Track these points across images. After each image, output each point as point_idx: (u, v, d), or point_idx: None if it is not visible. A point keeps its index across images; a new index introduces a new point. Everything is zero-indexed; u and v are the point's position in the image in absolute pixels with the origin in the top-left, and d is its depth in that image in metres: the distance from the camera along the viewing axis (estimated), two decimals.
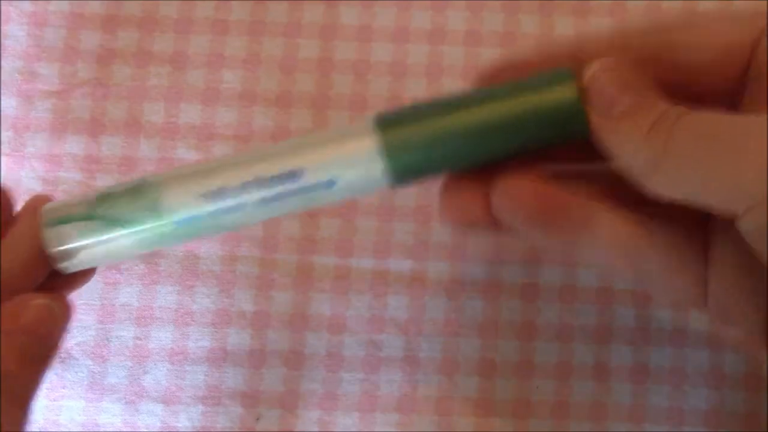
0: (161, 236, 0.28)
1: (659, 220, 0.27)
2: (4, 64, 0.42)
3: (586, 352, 0.40)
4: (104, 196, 0.28)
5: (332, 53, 0.43)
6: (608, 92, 0.25)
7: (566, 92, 0.26)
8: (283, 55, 0.43)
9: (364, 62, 0.42)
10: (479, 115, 0.27)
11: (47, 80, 0.42)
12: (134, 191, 0.28)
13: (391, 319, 0.40)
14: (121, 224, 0.28)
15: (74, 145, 0.41)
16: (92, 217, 0.28)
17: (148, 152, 0.41)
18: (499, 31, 0.43)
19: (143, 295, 0.40)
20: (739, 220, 0.23)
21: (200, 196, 0.27)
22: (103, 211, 0.28)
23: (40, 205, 0.29)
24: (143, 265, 0.41)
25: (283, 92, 0.42)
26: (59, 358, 0.40)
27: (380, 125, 0.27)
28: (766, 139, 0.22)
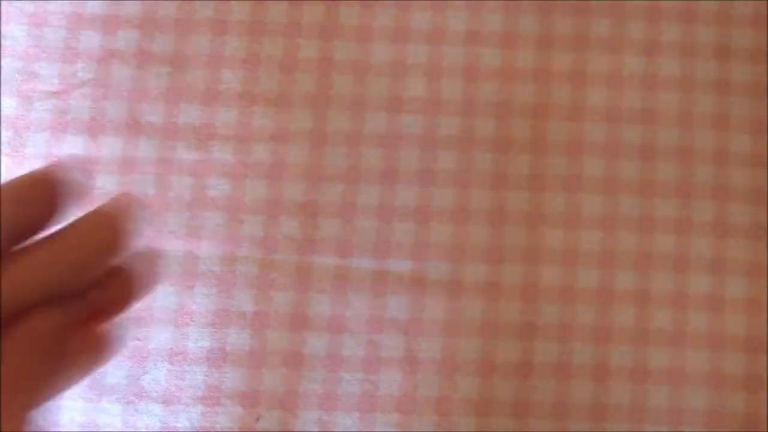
0: None
1: None
2: (4, 64, 0.42)
3: (586, 352, 0.40)
4: None
5: (332, 53, 0.43)
6: None
7: None
8: (283, 55, 0.43)
9: (364, 62, 0.42)
10: None
11: (47, 80, 0.42)
12: None
13: (391, 319, 0.40)
14: None
15: (74, 145, 0.41)
16: None
17: (148, 152, 0.41)
18: (499, 31, 0.43)
19: None
20: None
21: None
22: None
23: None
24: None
25: (283, 92, 0.42)
26: None
27: None
28: None
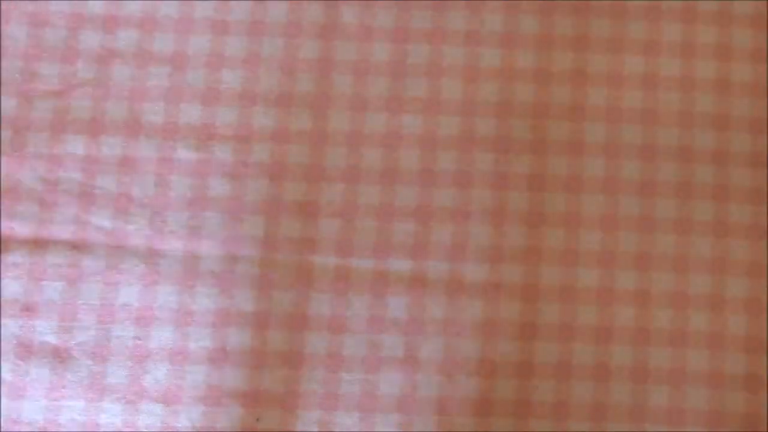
0: None
1: None
2: (4, 64, 0.42)
3: (586, 352, 0.40)
4: None
5: (332, 53, 0.43)
6: None
7: None
8: (283, 55, 0.43)
9: (364, 62, 0.42)
10: None
11: (47, 80, 0.42)
12: None
13: (391, 319, 0.40)
14: None
15: (74, 145, 0.41)
16: None
17: (148, 152, 0.41)
18: (499, 31, 0.43)
19: (143, 295, 0.40)
20: None
21: None
22: None
23: None
24: (143, 265, 0.41)
25: (283, 92, 0.42)
26: (59, 358, 0.40)
27: None
28: None
